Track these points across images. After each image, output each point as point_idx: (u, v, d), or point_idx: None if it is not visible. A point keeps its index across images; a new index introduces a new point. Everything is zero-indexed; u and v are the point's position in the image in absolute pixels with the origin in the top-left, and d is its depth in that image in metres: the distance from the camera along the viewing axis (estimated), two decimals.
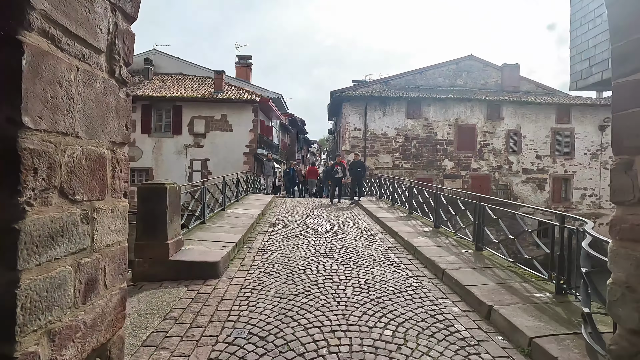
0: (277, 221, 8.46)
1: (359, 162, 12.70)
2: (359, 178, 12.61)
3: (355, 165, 12.38)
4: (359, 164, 12.52)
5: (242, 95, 19.51)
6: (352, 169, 12.33)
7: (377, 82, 23.27)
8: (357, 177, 12.52)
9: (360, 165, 12.51)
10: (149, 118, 19.33)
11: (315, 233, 7.29)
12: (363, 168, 12.81)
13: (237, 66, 24.94)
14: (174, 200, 4.92)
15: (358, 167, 12.34)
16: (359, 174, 12.47)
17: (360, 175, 12.51)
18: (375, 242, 6.77)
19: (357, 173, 12.36)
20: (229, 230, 6.69)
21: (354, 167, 12.30)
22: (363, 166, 12.96)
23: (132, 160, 19.28)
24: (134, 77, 21.66)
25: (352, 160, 13.03)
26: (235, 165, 18.39)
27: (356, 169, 12.29)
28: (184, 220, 6.10)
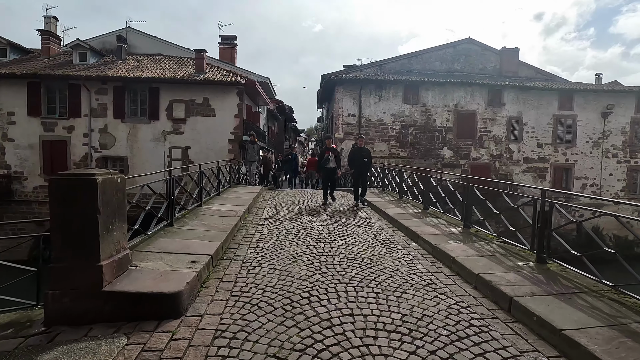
0: (266, 220, 6.81)
1: (364, 149, 8.80)
2: (363, 171, 8.81)
3: (358, 153, 8.65)
4: (365, 153, 8.73)
5: (226, 77, 17.53)
6: (355, 158, 8.68)
7: (370, 65, 21.60)
8: (362, 170, 8.74)
9: (366, 154, 8.75)
10: (122, 101, 17.19)
11: (316, 236, 5.67)
12: (369, 158, 8.91)
13: (221, 47, 22.81)
14: (112, 199, 3.21)
15: (364, 157, 8.64)
16: (364, 166, 8.72)
17: (365, 167, 8.80)
18: (394, 248, 5.20)
19: (362, 165, 8.65)
20: (204, 235, 5.01)
21: (357, 156, 8.64)
22: (369, 155, 8.93)
23: (104, 148, 17.29)
24: (105, 57, 19.42)
25: (355, 147, 9.14)
26: (219, 154, 16.55)
27: (360, 159, 8.60)
28: (138, 222, 4.39)
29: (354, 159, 8.80)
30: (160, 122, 17.31)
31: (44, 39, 19.26)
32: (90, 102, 17.04)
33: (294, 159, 15.29)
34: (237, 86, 17.30)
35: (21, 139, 16.99)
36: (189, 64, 19.12)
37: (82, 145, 17.18)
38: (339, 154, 9.23)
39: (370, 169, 9.93)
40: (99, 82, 16.95)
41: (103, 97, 17.12)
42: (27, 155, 17.07)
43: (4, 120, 16.92)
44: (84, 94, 16.99)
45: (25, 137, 16.99)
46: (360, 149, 8.85)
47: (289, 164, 15.03)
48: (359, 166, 8.71)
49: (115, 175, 3.33)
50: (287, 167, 14.93)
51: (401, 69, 20.91)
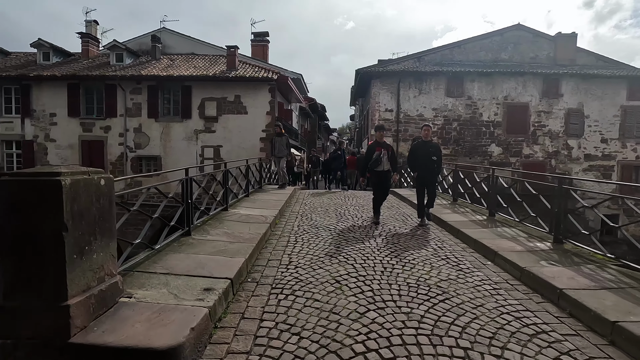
0: (301, 227, 5.75)
1: (431, 144, 6.18)
2: (431, 175, 6.20)
3: (423, 150, 6.05)
4: (433, 149, 6.10)
5: (258, 73, 16.77)
6: (418, 156, 6.10)
7: (408, 57, 20.01)
8: (429, 174, 6.14)
9: (435, 151, 6.10)
10: (156, 101, 16.91)
11: (362, 250, 4.54)
12: (439, 156, 6.17)
13: (253, 44, 22.16)
14: (89, 208, 2.26)
15: (431, 154, 6.01)
16: (432, 168, 6.09)
17: (434, 169, 6.15)
18: (466, 269, 3.96)
19: (429, 166, 6.04)
20: (226, 249, 4.02)
21: (421, 153, 6.05)
22: (439, 152, 6.20)
23: (139, 148, 17.07)
24: (141, 57, 19.31)
25: (418, 141, 6.39)
26: (251, 152, 15.82)
27: (427, 157, 5.99)
28: (142, 234, 3.47)
29: (416, 157, 6.12)
30: (192, 120, 16.87)
31: (84, 42, 19.46)
32: (126, 101, 16.90)
33: (343, 156, 12.60)
34: (269, 82, 16.49)
35: (62, 139, 17.16)
36: (221, 61, 18.58)
37: (117, 145, 17.08)
38: (394, 151, 6.42)
39: (440, 171, 7.05)
40: (134, 82, 16.76)
41: (137, 97, 16.92)
42: (67, 155, 17.20)
43: (46, 122, 17.16)
44: (119, 94, 16.87)
45: (66, 137, 17.14)
46: (426, 143, 6.09)
47: (338, 160, 12.39)
48: (426, 168, 6.03)
49: (97, 176, 2.37)
50: (335, 165, 12.38)
51: (442, 60, 19.19)
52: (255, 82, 16.45)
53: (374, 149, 6.19)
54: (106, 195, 2.44)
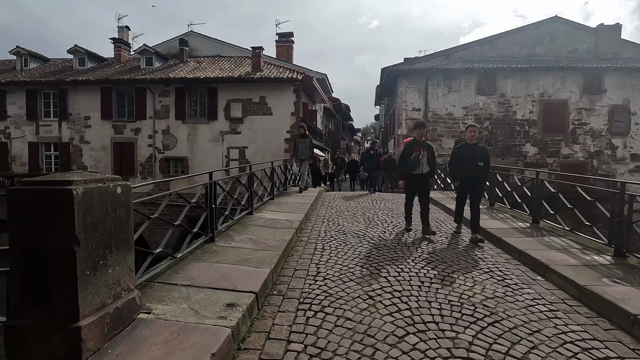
0: (328, 233, 5.46)
1: (478, 147, 5.20)
2: (478, 182, 5.26)
3: (468, 153, 5.12)
4: (479, 153, 5.14)
5: (283, 74, 16.65)
6: (463, 161, 5.14)
7: (436, 55, 19.30)
8: (476, 181, 5.20)
9: (481, 155, 5.12)
10: (183, 103, 17.15)
11: (395, 260, 4.19)
12: (487, 161, 5.19)
13: (278, 45, 22.12)
14: (105, 219, 2.07)
15: (477, 159, 5.06)
16: (478, 173, 5.14)
17: (480, 176, 5.20)
18: (514, 285, 3.53)
19: (475, 172, 5.11)
20: (251, 257, 3.79)
21: (467, 158, 5.10)
22: (487, 156, 5.22)
23: (167, 149, 17.36)
24: (169, 61, 19.67)
25: (462, 144, 5.38)
26: (275, 154, 15.73)
27: (472, 162, 5.06)
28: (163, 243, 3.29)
29: (460, 163, 5.15)
30: (218, 122, 16.98)
31: (116, 47, 20.04)
32: (155, 104, 17.23)
33: (375, 156, 11.33)
34: (293, 82, 16.33)
35: (95, 141, 17.73)
36: (246, 63, 18.62)
37: (147, 147, 17.45)
38: (434, 153, 5.57)
39: (487, 178, 5.92)
40: (162, 85, 17.06)
41: (166, 99, 17.21)
42: (100, 156, 17.76)
43: (81, 124, 17.78)
44: (149, 96, 17.23)
45: (99, 139, 17.69)
46: (471, 146, 5.11)
47: (370, 161, 11.14)
48: (471, 175, 5.05)
49: (113, 184, 2.18)
50: (368, 165, 11.23)
51: (472, 57, 18.34)
52: (280, 82, 16.34)
53: (411, 148, 5.39)
54: (123, 204, 2.25)
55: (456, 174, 5.39)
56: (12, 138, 18.15)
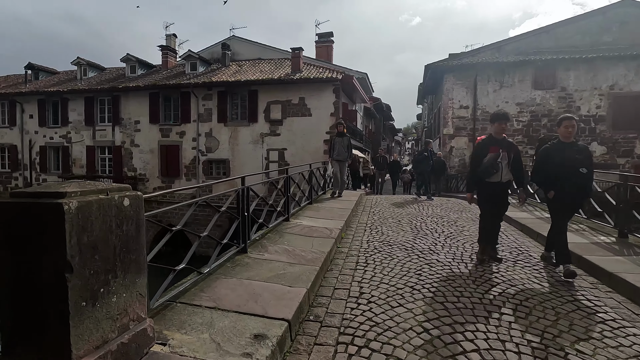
0: (370, 244, 4.91)
1: (578, 147, 3.79)
2: (581, 195, 3.90)
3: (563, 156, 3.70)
4: (581, 154, 3.72)
5: (322, 74, 16.27)
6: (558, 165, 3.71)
7: (485, 48, 17.91)
8: (578, 194, 3.81)
9: (583, 158, 3.70)
10: (225, 106, 17.35)
11: (452, 281, 3.56)
12: (590, 165, 3.73)
13: (317, 46, 21.82)
14: (108, 237, 1.71)
15: (578, 163, 3.66)
16: (581, 183, 3.71)
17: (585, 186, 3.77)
18: (611, 321, 2.77)
19: (576, 181, 3.68)
20: (285, 273, 3.36)
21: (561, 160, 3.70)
22: (590, 159, 3.76)
23: (210, 152, 17.65)
24: (212, 65, 20.07)
25: (553, 143, 3.87)
26: (314, 155, 15.39)
27: (572, 167, 3.67)
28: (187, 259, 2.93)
29: (552, 168, 3.76)
30: (258, 124, 16.97)
31: (163, 54, 20.84)
32: (198, 107, 17.60)
33: (430, 157, 9.94)
34: (333, 82, 15.89)
35: (144, 144, 18.48)
36: (286, 64, 18.49)
37: (191, 149, 17.87)
38: (519, 153, 4.17)
39: (592, 192, 4.22)
40: (205, 89, 17.39)
41: (208, 103, 17.52)
42: (148, 159, 18.48)
43: (132, 128, 18.63)
44: (193, 100, 17.64)
45: (147, 142, 18.41)
46: (568, 146, 3.75)
47: (424, 163, 9.79)
48: (572, 185, 3.70)
49: (119, 195, 1.82)
50: (422, 168, 9.82)
51: (527, 48, 16.78)
52: (320, 83, 15.97)
53: (486, 148, 4.01)
54: (131, 218, 1.89)
55: (546, 181, 3.91)
56: (72, 142, 19.45)
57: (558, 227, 3.88)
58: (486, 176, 4.01)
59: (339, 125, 8.58)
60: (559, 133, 3.90)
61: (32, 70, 21.92)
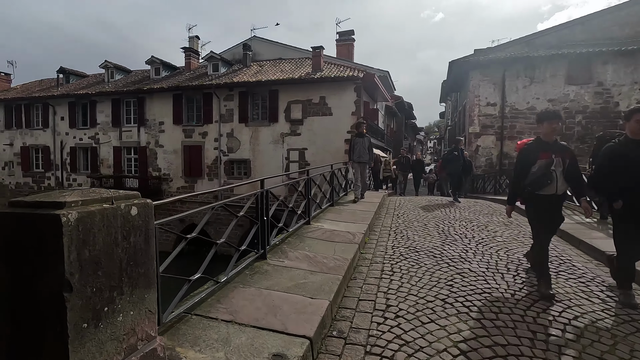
0: (396, 250, 4.64)
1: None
2: None
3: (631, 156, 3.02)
4: None
5: (343, 72, 16.01)
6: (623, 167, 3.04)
7: (514, 43, 17.14)
8: None
9: None
10: (246, 106, 17.38)
11: (489, 295, 3.25)
12: None
13: (338, 44, 21.53)
14: (112, 250, 1.55)
15: None
16: None
17: None
18: None
19: None
20: (306, 282, 3.15)
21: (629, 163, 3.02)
22: None
23: (231, 152, 17.74)
24: (234, 66, 20.18)
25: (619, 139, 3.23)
26: (335, 156, 15.15)
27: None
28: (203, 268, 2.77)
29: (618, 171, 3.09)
30: (279, 124, 16.90)
31: (186, 56, 21.12)
32: (220, 108, 17.72)
33: (461, 157, 8.93)
34: (354, 81, 15.59)
35: (168, 145, 18.79)
36: (307, 63, 18.33)
37: (213, 150, 18.02)
38: (575, 159, 3.41)
39: None
40: (227, 89, 17.47)
41: (230, 103, 17.60)
42: (172, 159, 18.78)
43: (156, 129, 18.98)
44: (214, 101, 17.77)
45: (171, 143, 18.71)
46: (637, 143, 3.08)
47: (454, 163, 8.82)
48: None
49: (126, 203, 1.66)
50: (452, 169, 8.96)
51: (559, 42, 15.91)
52: (341, 81, 15.71)
53: (534, 154, 3.31)
54: (140, 229, 1.72)
55: (610, 187, 3.21)
56: (100, 143, 20.04)
57: (630, 253, 3.09)
58: (537, 188, 3.28)
59: (360, 125, 7.96)
60: (628, 129, 3.16)
61: (64, 74, 22.76)
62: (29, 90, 22.48)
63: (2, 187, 22.10)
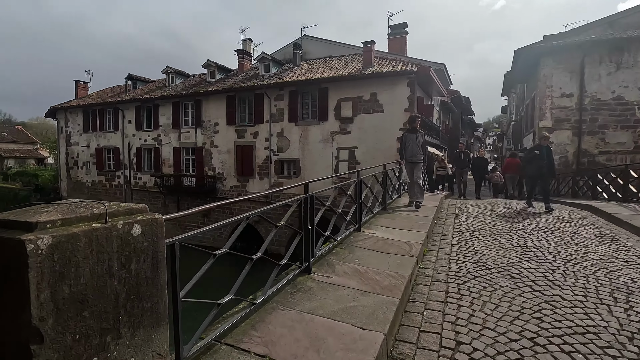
0: (462, 266, 3.94)
1: None
2: None
3: None
4: None
5: (395, 67, 15.15)
6: None
7: (592, 25, 14.94)
8: None
9: None
10: (296, 105, 17.24)
11: (590, 331, 2.49)
12: None
13: (390, 39, 20.60)
14: (100, 281, 1.20)
15: None
16: None
17: None
18: None
19: None
20: (355, 306, 2.65)
21: None
22: None
23: (281, 151, 17.73)
24: (284, 66, 20.19)
25: None
26: (387, 154, 14.40)
27: None
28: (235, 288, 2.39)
29: None
30: (328, 122, 16.52)
31: (239, 58, 21.59)
32: (270, 108, 17.79)
33: (545, 156, 7.40)
34: (407, 75, 14.67)
35: (222, 145, 19.33)
36: (357, 60, 17.71)
37: (263, 149, 18.17)
38: None
39: None
40: (277, 89, 17.48)
41: (280, 103, 17.59)
42: (226, 159, 19.28)
43: (211, 130, 19.63)
44: (265, 101, 17.88)
45: (225, 143, 19.23)
46: None
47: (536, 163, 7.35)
48: None
49: (125, 221, 1.29)
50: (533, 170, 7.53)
51: None
52: (393, 77, 14.88)
53: None
54: (146, 252, 1.35)
55: None
56: (162, 144, 21.24)
57: None
58: None
59: (414, 120, 6.87)
60: None
61: (131, 80, 24.54)
62: (102, 97, 24.59)
63: (81, 184, 24.46)
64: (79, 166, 24.73)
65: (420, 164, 6.84)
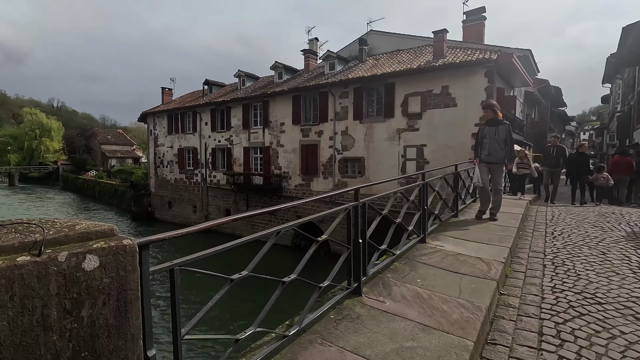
0: (560, 297, 3.04)
1: None
2: None
3: None
4: None
5: (471, 56, 13.65)
6: None
7: None
8: None
9: None
10: (361, 102, 16.64)
11: None
12: None
13: (465, 26, 18.78)
14: (26, 337, 0.85)
15: None
16: None
17: None
18: None
19: None
20: (414, 347, 2.05)
21: None
22: None
23: (345, 150, 17.33)
24: (350, 63, 19.71)
25: None
26: (459, 152, 13.11)
27: None
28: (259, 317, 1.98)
29: None
30: (394, 119, 15.61)
31: (305, 57, 21.66)
32: (335, 106, 17.46)
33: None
34: (485, 64, 13.10)
35: (288, 145, 19.59)
36: (427, 51, 16.47)
37: (328, 148, 17.93)
38: None
39: None
40: (342, 87, 17.08)
41: (345, 101, 17.16)
42: (291, 158, 19.50)
43: (278, 130, 20.03)
44: (330, 99, 17.61)
45: (290, 142, 19.45)
46: None
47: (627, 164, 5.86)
48: None
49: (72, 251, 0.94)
50: None
51: None
52: (468, 67, 13.42)
53: None
54: (107, 291, 0.98)
55: None
56: (233, 144, 22.33)
57: None
58: None
59: (490, 109, 5.53)
60: None
61: (208, 85, 26.27)
62: (183, 101, 26.77)
63: (165, 181, 26.97)
64: (164, 165, 27.28)
65: (500, 165, 5.43)
